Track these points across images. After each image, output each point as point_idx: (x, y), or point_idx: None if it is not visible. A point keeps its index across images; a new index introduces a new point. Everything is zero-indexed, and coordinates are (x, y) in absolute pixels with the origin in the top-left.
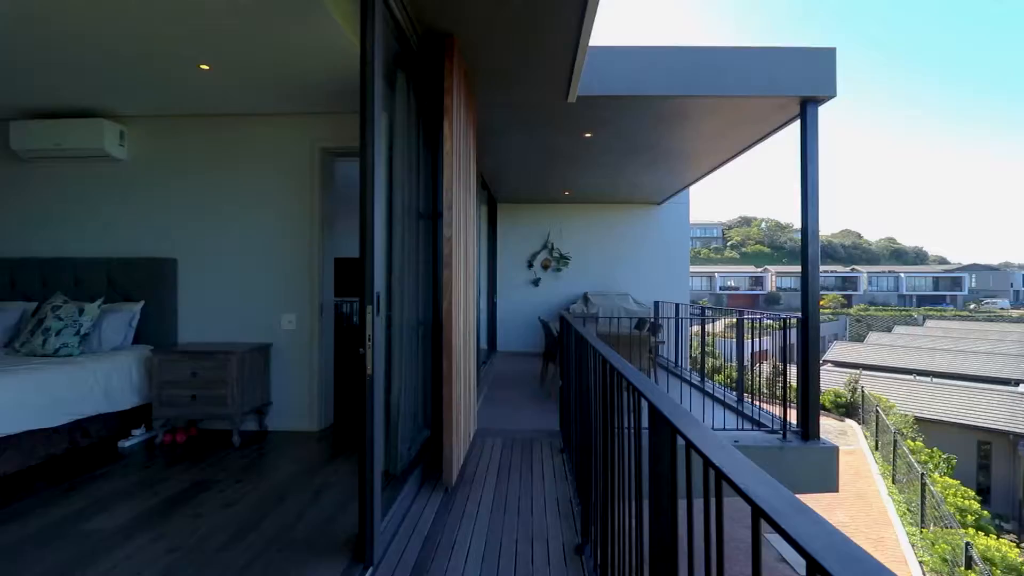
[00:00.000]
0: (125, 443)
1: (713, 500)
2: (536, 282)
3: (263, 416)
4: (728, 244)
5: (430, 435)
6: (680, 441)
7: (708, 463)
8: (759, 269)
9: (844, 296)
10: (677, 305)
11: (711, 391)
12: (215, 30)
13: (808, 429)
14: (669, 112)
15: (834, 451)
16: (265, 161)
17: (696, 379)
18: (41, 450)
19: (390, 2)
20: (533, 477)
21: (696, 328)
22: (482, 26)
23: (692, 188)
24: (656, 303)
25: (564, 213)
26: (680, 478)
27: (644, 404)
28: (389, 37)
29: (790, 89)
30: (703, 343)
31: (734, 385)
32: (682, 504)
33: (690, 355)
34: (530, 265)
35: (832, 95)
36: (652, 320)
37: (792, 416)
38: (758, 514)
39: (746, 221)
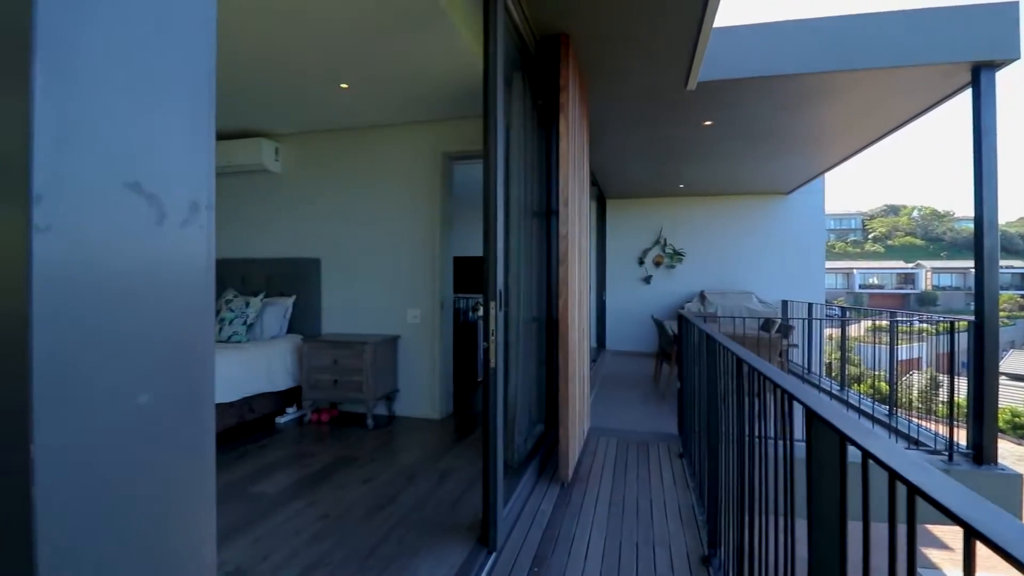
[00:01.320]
0: (281, 419)
1: (902, 524)
2: (647, 279)
3: (392, 402)
4: (870, 236)
5: (544, 430)
6: (852, 453)
7: (897, 477)
8: (910, 264)
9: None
10: (810, 305)
11: (855, 402)
12: (352, 52)
13: (983, 452)
14: (803, 92)
15: (1018, 480)
16: (394, 167)
17: (835, 388)
18: (219, 422)
19: (510, 7)
20: (651, 480)
21: (831, 331)
22: (599, 21)
23: (827, 175)
24: (784, 302)
25: (678, 207)
26: (851, 495)
27: (797, 410)
28: (509, 41)
29: (958, 54)
30: (843, 347)
31: (880, 396)
32: (853, 526)
33: (824, 361)
34: (641, 262)
35: (1015, 57)
36: (781, 320)
37: (959, 436)
38: (974, 538)
39: (893, 210)
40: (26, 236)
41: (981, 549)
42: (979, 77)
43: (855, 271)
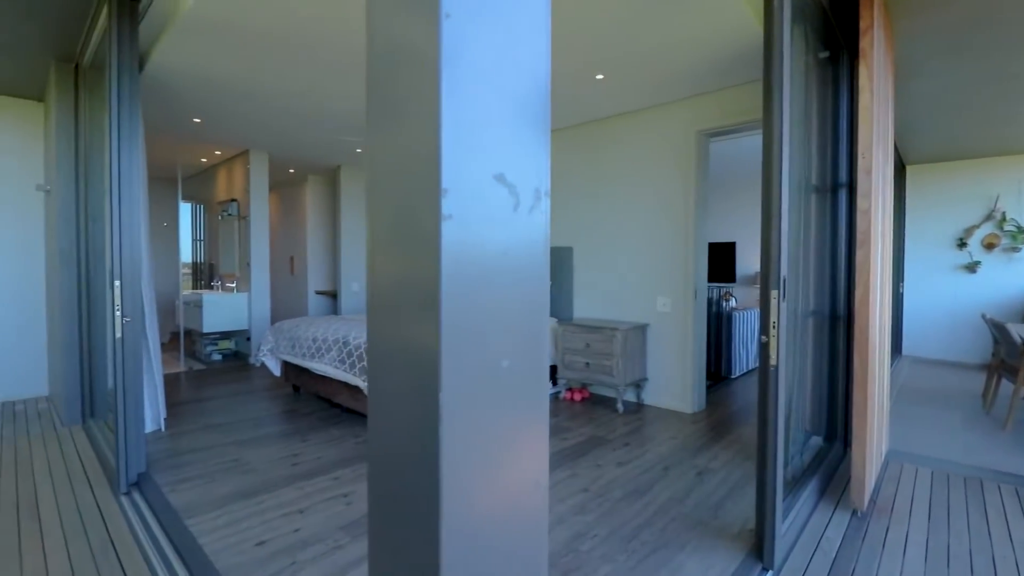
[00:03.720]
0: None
1: None
2: (971, 267)
3: (640, 390)
4: None
5: (825, 444)
6: None
7: None
8: None
9: None
10: None
11: None
12: (608, 42)
13: None
14: None
15: None
16: (644, 152)
17: None
18: None
19: None
20: (993, 533)
21: None
22: None
23: None
24: None
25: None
26: None
27: None
28: None
29: None
30: None
31: None
32: None
33: None
34: (961, 244)
35: None
36: None
37: None
38: None
39: None
40: (437, 223)
41: None
42: None
43: None
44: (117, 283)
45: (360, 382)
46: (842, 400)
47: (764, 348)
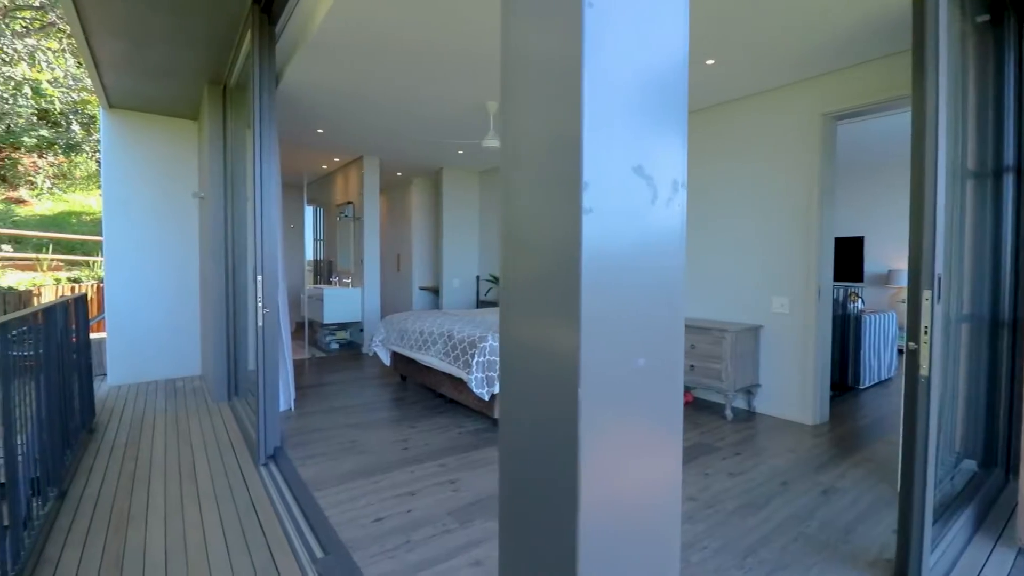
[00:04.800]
0: None
1: None
2: None
3: (751, 396)
4: None
5: (981, 470)
6: None
7: None
8: None
9: None
10: None
11: None
12: (720, 24)
13: None
14: None
15: None
16: (760, 139)
17: None
18: None
19: None
20: None
21: None
22: None
23: None
24: None
25: None
26: None
27: None
28: None
29: None
30: None
31: None
32: None
33: None
34: None
35: None
36: None
37: None
38: None
39: None
40: (578, 218)
41: None
42: None
43: None
44: (259, 277)
45: (464, 374)
46: (1004, 420)
47: (912, 356)
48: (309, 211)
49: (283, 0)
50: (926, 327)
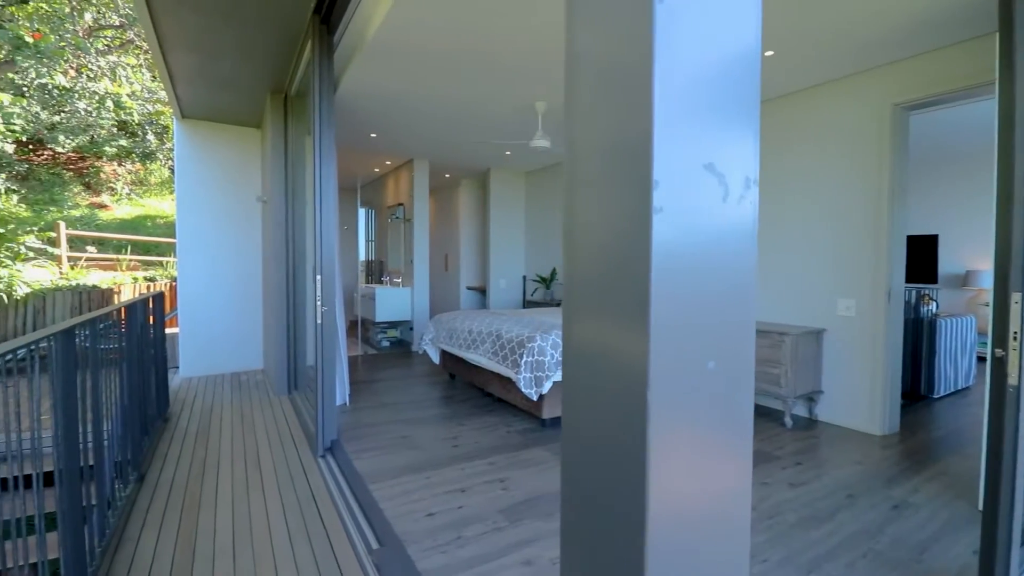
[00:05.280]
0: None
1: None
2: None
3: (813, 404)
4: None
5: None
6: None
7: None
8: None
9: None
10: None
11: None
12: (781, 13)
13: None
14: None
15: None
16: (824, 132)
17: None
18: None
19: None
20: None
21: None
22: None
23: None
24: None
25: None
26: None
27: None
28: None
29: None
30: None
31: None
32: None
33: None
34: None
35: None
36: None
37: None
38: None
39: None
40: (648, 217)
41: None
42: None
43: None
44: (319, 277)
45: (512, 374)
46: None
47: (999, 364)
48: (361, 212)
49: (342, 10)
50: (1015, 332)
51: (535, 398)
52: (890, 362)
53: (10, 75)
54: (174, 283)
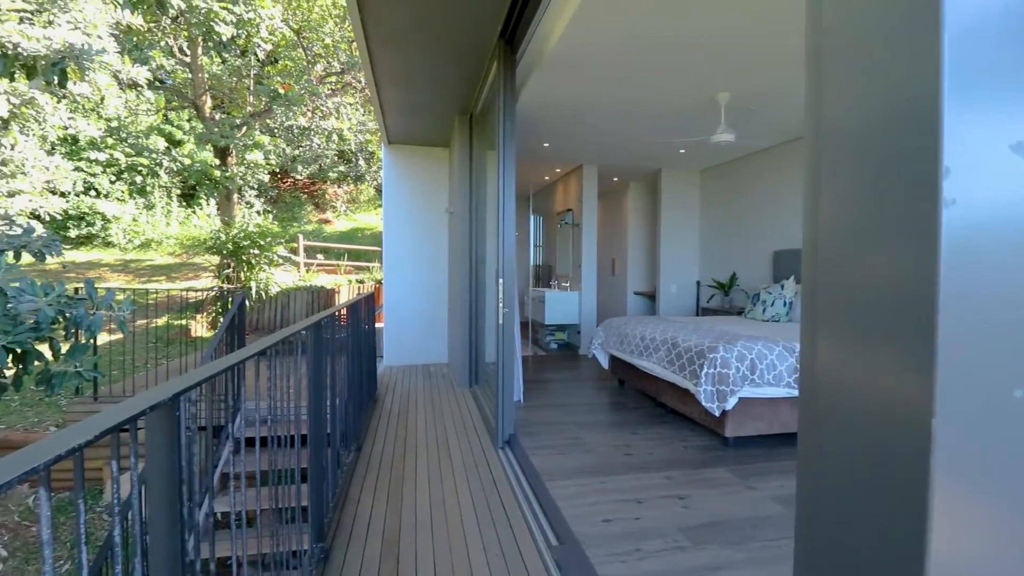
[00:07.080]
0: None
1: None
2: None
3: None
4: None
5: None
6: None
7: None
8: None
9: None
10: None
11: None
12: None
13: None
14: None
15: None
16: None
17: None
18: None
19: None
20: None
21: None
22: None
23: None
24: None
25: None
26: None
27: None
28: None
29: None
30: None
31: None
32: None
33: None
34: None
35: None
36: None
37: None
38: None
39: None
40: (935, 211)
41: None
42: None
43: None
44: (501, 280)
45: (691, 386)
46: None
47: None
48: (531, 219)
49: (524, 29)
50: None
51: (717, 413)
52: None
53: (267, 121)
54: (378, 285)
